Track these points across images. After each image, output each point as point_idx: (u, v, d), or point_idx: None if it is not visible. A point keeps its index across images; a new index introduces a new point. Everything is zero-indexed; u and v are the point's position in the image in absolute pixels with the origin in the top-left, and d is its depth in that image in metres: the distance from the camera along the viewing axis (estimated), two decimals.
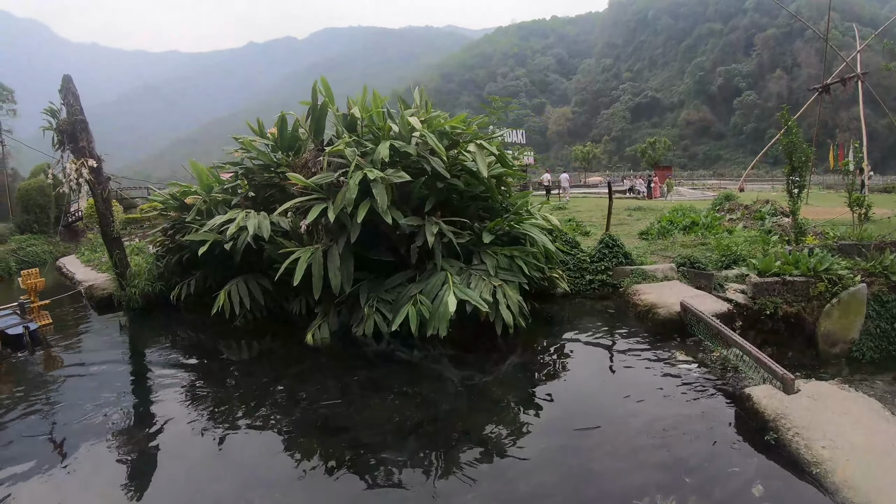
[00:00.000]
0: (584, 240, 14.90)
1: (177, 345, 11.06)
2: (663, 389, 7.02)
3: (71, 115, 13.40)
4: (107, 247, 14.89)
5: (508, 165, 10.43)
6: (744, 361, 7.10)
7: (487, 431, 6.32)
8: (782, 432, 5.47)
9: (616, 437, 6.01)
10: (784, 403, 5.83)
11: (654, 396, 6.87)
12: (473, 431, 6.34)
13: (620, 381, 7.56)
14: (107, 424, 7.08)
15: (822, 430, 5.30)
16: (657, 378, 7.38)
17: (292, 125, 11.33)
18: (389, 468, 5.66)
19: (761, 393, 6.14)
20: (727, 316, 8.67)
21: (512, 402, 7.05)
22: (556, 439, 6.04)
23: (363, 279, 9.90)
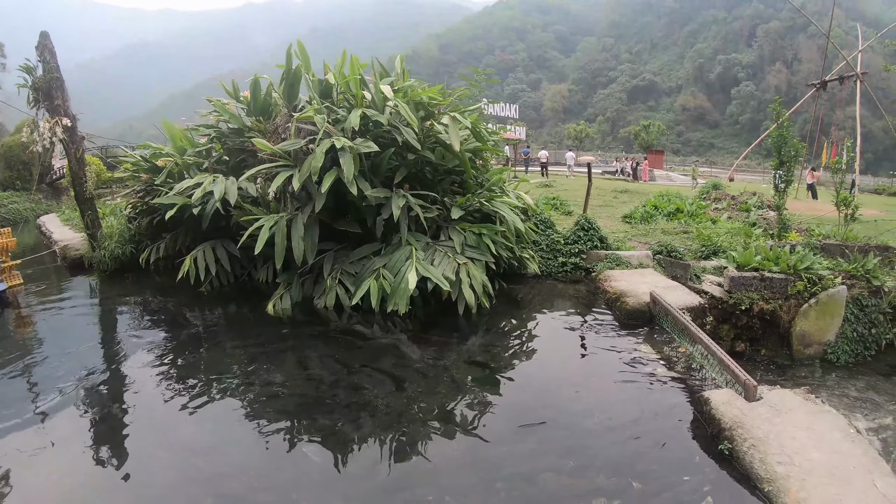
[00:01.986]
0: (566, 220, 14.66)
1: (139, 310, 10.82)
2: (622, 384, 6.74)
3: (47, 73, 13.18)
4: (79, 207, 14.75)
5: (483, 140, 10.15)
6: (708, 361, 6.80)
7: (430, 419, 6.04)
8: (737, 443, 5.14)
9: (562, 434, 5.69)
10: (743, 411, 5.49)
11: (610, 392, 6.61)
12: (414, 419, 6.07)
13: (579, 372, 7.30)
14: (61, 390, 6.98)
15: (779, 445, 4.97)
16: (617, 371, 7.09)
17: (266, 89, 11.02)
18: (319, 444, 5.56)
19: (720, 398, 5.80)
20: (698, 310, 8.41)
21: (465, 389, 6.77)
22: (499, 434, 5.71)
23: (330, 250, 9.71)
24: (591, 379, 6.98)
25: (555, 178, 35.98)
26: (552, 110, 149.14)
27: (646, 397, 6.42)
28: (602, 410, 6.15)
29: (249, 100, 11.15)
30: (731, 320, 8.90)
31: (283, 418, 6.12)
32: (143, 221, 13.32)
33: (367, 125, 9.41)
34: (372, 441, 5.62)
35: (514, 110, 51.51)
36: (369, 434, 5.75)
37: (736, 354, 8.92)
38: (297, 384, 6.98)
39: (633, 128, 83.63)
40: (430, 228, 9.57)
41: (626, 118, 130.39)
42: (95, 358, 8.17)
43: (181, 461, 5.43)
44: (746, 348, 8.85)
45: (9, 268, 13.49)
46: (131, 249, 13.51)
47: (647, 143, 72.27)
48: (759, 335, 8.83)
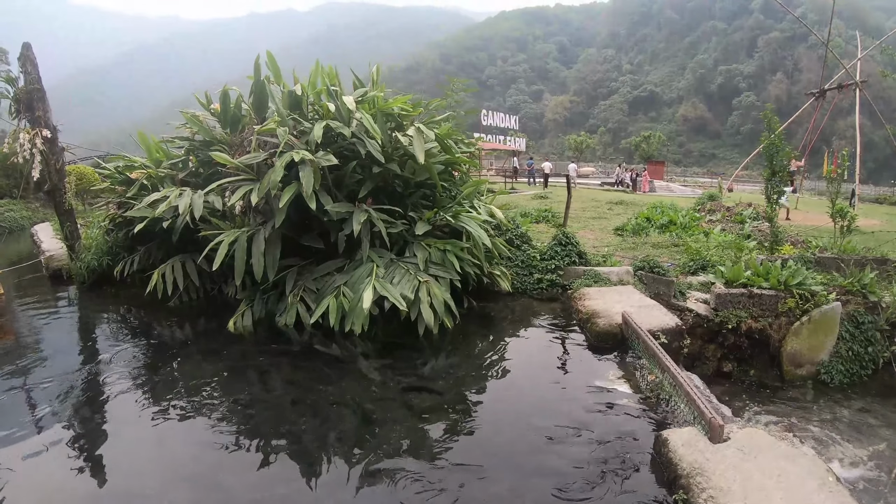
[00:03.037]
0: (552, 235, 14.30)
1: (108, 323, 10.87)
2: (581, 417, 6.17)
3: (28, 84, 13.08)
4: (58, 218, 14.75)
5: (451, 151, 9.85)
6: (677, 392, 6.20)
7: (366, 452, 5.63)
8: (694, 493, 4.45)
9: (497, 478, 5.10)
10: (705, 455, 4.81)
11: (567, 425, 5.98)
12: (352, 449, 5.75)
13: (535, 402, 6.70)
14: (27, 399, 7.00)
15: (743, 497, 4.30)
16: (579, 401, 6.55)
17: (235, 101, 10.81)
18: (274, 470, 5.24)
19: (681, 438, 5.10)
20: (674, 332, 7.79)
21: (415, 416, 6.38)
22: (431, 474, 5.18)
23: (294, 265, 9.47)
24: (546, 411, 6.42)
25: (552, 190, 35.79)
26: (553, 121, 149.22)
27: (604, 433, 5.83)
28: (551, 449, 5.60)
29: (219, 111, 10.95)
30: (717, 340, 8.60)
31: (223, 439, 5.85)
32: (120, 234, 13.17)
33: (332, 138, 9.20)
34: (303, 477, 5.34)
35: (514, 121, 51.39)
36: (306, 464, 5.47)
37: (723, 375, 8.62)
38: (248, 407, 6.70)
39: (634, 139, 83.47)
40: (396, 244, 9.32)
41: (627, 129, 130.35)
42: (59, 370, 8.03)
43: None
44: (734, 369, 8.55)
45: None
46: (108, 262, 13.37)
47: (648, 153, 72.18)
48: (748, 355, 8.53)
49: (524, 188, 38.24)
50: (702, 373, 8.62)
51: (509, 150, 49.42)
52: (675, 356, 7.45)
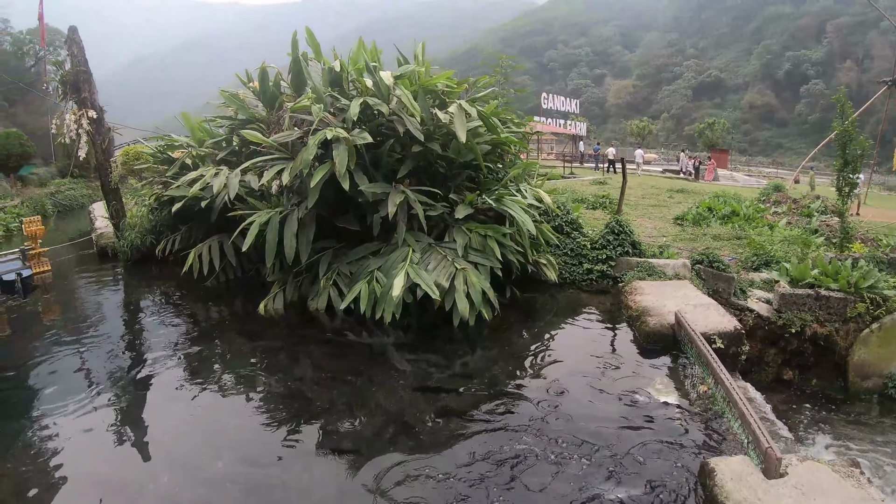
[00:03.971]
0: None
1: (146, 301, 11.12)
2: (619, 432, 5.43)
3: (75, 66, 13.39)
4: (104, 197, 14.96)
5: (497, 132, 9.19)
6: (730, 409, 5.40)
7: (387, 448, 5.27)
8: None
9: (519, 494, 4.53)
10: (757, 494, 4.04)
11: (600, 443, 5.23)
12: (372, 443, 5.37)
13: (574, 409, 5.92)
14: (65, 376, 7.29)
15: None
16: (619, 412, 5.79)
17: (274, 78, 10.44)
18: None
19: (730, 470, 4.33)
20: (733, 336, 6.83)
21: (441, 414, 5.91)
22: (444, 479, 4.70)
23: (330, 248, 9.05)
24: (581, 422, 5.65)
25: (612, 176, 34.59)
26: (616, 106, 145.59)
27: (642, 453, 5.05)
28: (576, 469, 4.85)
29: (258, 89, 10.63)
30: (779, 344, 7.83)
31: (247, 420, 5.92)
32: (163, 213, 13.14)
33: (371, 115, 8.72)
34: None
35: (575, 105, 50.29)
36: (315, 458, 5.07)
37: (783, 383, 7.85)
38: (274, 392, 6.60)
39: (697, 125, 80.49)
40: (436, 228, 8.78)
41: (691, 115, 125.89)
42: (98, 346, 8.36)
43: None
44: (795, 377, 7.79)
45: (37, 254, 13.83)
46: (151, 240, 13.50)
47: (712, 141, 69.59)
48: (811, 362, 7.74)
49: (586, 173, 37.13)
50: (760, 379, 7.88)
51: (569, 133, 48.27)
52: (733, 364, 6.69)
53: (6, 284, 12.03)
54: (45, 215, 28.84)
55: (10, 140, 31.89)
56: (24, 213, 24.72)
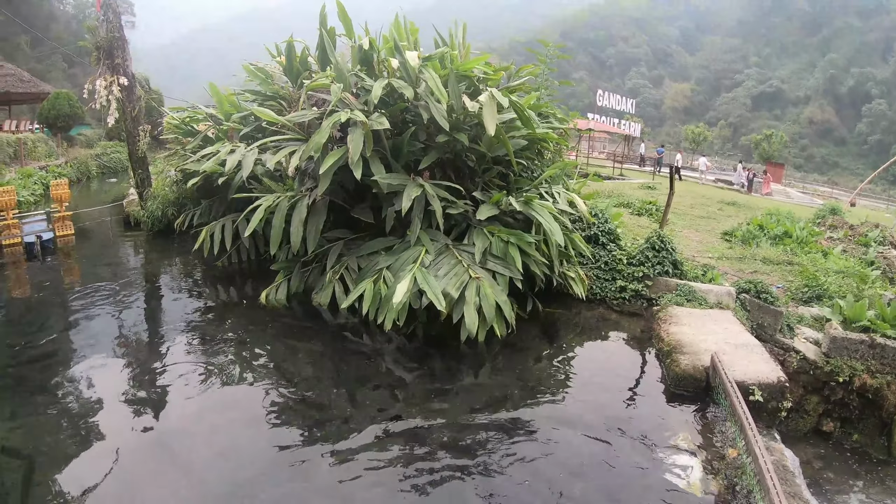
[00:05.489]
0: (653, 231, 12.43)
1: (156, 276, 11.04)
2: (628, 497, 4.60)
3: (109, 32, 13.12)
4: (132, 165, 14.77)
5: (531, 125, 8.27)
6: (760, 488, 4.38)
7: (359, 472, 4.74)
8: None
9: None
10: None
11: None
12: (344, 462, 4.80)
13: (574, 463, 5.04)
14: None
15: None
16: (626, 476, 4.90)
17: (301, 53, 9.81)
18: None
19: None
20: (775, 388, 5.83)
21: (425, 443, 5.16)
22: None
23: (342, 238, 8.42)
24: (579, 481, 4.77)
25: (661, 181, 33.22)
26: (672, 109, 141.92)
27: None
28: None
29: (284, 64, 10.03)
30: (822, 392, 6.91)
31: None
32: (186, 186, 12.78)
33: (396, 99, 8.03)
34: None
35: (631, 105, 48.66)
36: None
37: (821, 435, 6.95)
38: (264, 380, 6.36)
39: (754, 136, 77.67)
40: (457, 227, 8.04)
41: (748, 125, 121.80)
42: (103, 315, 8.42)
43: None
44: (835, 429, 6.88)
45: (62, 217, 13.72)
46: (173, 212, 13.27)
47: (768, 154, 67.05)
48: (855, 416, 6.81)
49: (636, 175, 35.78)
50: (796, 427, 7.04)
51: (622, 133, 46.84)
52: (770, 419, 5.73)
53: (28, 246, 12.36)
54: (88, 177, 29.15)
55: (60, 100, 32.23)
56: (66, 173, 24.84)
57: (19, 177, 21.25)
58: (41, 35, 58.58)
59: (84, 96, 13.52)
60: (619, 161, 39.74)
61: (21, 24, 57.21)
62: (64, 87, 41.11)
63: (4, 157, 25.19)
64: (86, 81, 13.48)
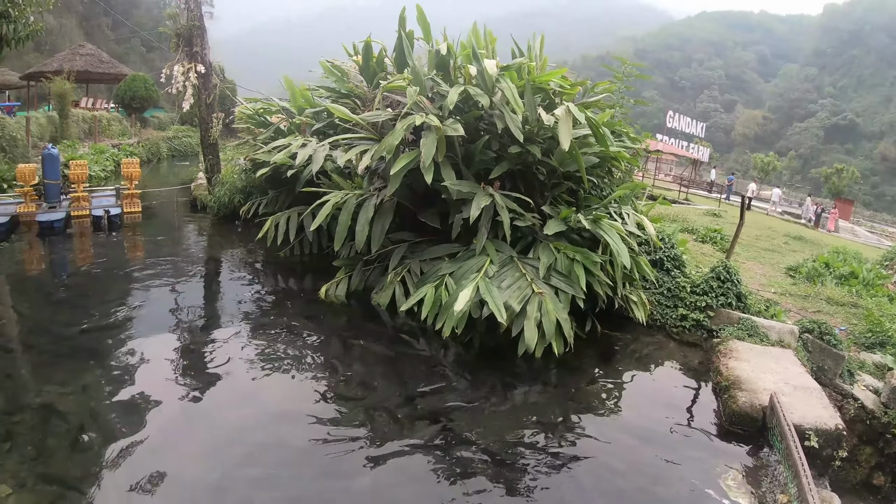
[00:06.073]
0: (714, 261, 11.99)
1: (218, 259, 11.53)
2: None
3: (190, 21, 13.58)
4: (202, 151, 15.14)
5: (605, 143, 8.17)
6: None
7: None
8: None
9: None
10: None
11: None
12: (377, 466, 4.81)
13: (615, 498, 4.92)
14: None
15: None
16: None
17: (378, 54, 9.90)
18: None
19: None
20: (831, 435, 5.57)
21: (472, 460, 5.04)
22: None
23: (407, 241, 8.44)
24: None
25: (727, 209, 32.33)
26: (743, 136, 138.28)
27: None
28: None
29: (360, 64, 10.14)
30: (877, 443, 6.59)
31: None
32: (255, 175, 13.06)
33: (471, 106, 8.02)
34: None
35: (701, 129, 47.54)
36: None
37: (871, 488, 6.62)
38: (310, 380, 6.35)
39: (824, 170, 75.15)
40: (522, 239, 7.96)
41: (819, 158, 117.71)
42: (162, 293, 8.73)
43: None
44: (886, 483, 6.53)
45: (131, 195, 14.16)
46: (240, 199, 13.50)
47: (838, 189, 64.69)
48: None
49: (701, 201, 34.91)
50: (846, 478, 6.66)
51: (690, 157, 45.80)
52: (824, 467, 5.49)
53: (96, 220, 12.95)
54: (159, 158, 30.08)
55: (137, 83, 33.42)
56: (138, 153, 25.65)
57: (92, 152, 21.98)
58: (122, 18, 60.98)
59: (161, 80, 13.92)
60: (686, 185, 38.81)
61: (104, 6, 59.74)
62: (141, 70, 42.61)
63: (80, 132, 26.24)
64: (162, 66, 13.89)
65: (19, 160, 17.13)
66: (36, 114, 25.99)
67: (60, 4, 13.99)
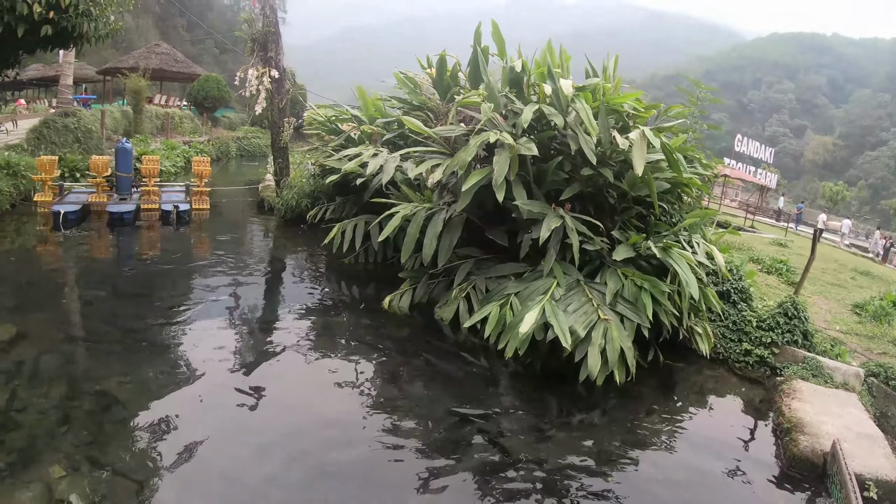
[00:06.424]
0: (780, 294, 11.52)
1: (284, 261, 11.82)
2: None
3: (266, 27, 14.06)
4: (273, 154, 15.51)
5: (678, 169, 8.03)
6: None
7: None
8: None
9: None
10: None
11: None
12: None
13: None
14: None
15: None
16: None
17: (452, 68, 10.00)
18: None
19: None
20: (894, 489, 5.33)
21: (523, 485, 4.97)
22: None
23: (474, 257, 8.48)
24: None
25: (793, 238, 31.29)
26: (812, 163, 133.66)
27: None
28: None
29: (434, 77, 10.27)
30: None
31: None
32: (323, 180, 13.32)
33: (544, 125, 8.02)
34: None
35: (770, 154, 46.05)
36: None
37: None
38: (376, 386, 6.52)
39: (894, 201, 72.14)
40: (589, 263, 7.89)
41: (890, 188, 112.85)
42: (226, 290, 9.04)
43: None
44: None
45: (200, 192, 14.61)
46: (307, 203, 13.79)
47: None
48: None
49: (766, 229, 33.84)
50: None
51: (757, 183, 44.44)
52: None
53: (164, 214, 13.53)
54: (228, 157, 30.96)
55: (210, 83, 34.65)
56: (207, 151, 26.45)
57: (163, 148, 22.79)
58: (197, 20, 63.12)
59: (235, 83, 14.35)
60: (752, 212, 37.62)
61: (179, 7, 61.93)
62: (213, 70, 44.07)
63: (152, 127, 27.26)
64: (234, 68, 14.36)
65: (93, 151, 18.00)
66: (111, 108, 27.16)
67: (139, 5, 14.64)
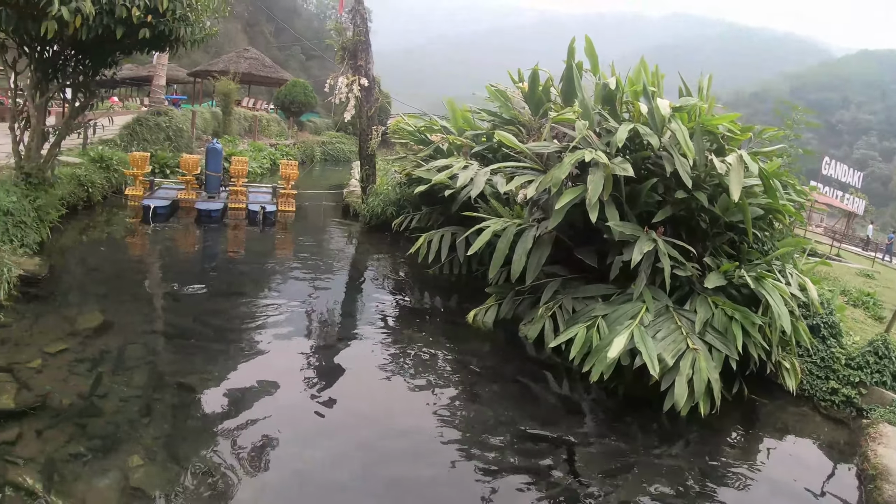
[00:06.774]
0: (869, 329, 11.08)
1: (368, 266, 12.09)
2: None
3: (356, 36, 14.41)
4: (360, 160, 15.88)
5: (774, 196, 7.83)
6: None
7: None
8: None
9: None
10: None
11: None
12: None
13: None
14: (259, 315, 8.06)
15: None
16: None
17: (544, 83, 10.07)
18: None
19: None
20: None
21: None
22: None
23: (561, 276, 8.50)
24: None
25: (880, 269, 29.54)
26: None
27: None
28: None
29: (526, 92, 10.36)
30: None
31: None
32: (410, 189, 13.56)
33: (638, 145, 8.00)
34: None
35: (858, 178, 43.66)
36: None
37: None
38: (447, 402, 6.46)
39: None
40: (679, 289, 7.76)
41: None
42: (311, 292, 9.41)
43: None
44: None
45: (287, 194, 15.11)
46: (392, 211, 14.05)
47: None
48: None
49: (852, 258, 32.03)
50: None
51: (844, 208, 42.20)
52: None
53: (251, 214, 13.99)
54: (312, 161, 31.86)
55: (297, 88, 35.72)
56: (293, 154, 27.29)
57: (251, 149, 23.65)
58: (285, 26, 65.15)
59: (325, 90, 14.74)
60: (838, 239, 35.66)
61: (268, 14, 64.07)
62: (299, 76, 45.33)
63: (240, 129, 28.35)
64: (320, 74, 14.88)
65: (183, 150, 18.95)
66: (201, 108, 28.40)
67: (231, 11, 15.34)
